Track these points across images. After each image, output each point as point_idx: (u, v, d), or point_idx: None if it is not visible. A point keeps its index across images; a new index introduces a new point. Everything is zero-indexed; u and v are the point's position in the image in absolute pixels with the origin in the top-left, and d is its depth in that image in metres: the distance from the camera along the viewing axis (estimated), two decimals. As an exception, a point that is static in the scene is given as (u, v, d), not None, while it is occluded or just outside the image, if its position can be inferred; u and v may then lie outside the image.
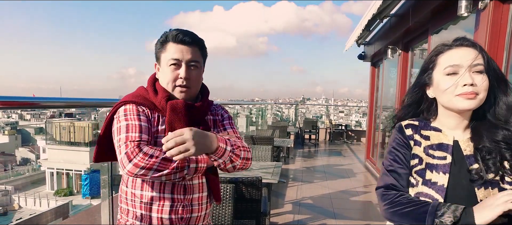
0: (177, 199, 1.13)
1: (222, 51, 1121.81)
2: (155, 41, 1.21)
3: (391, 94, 5.63)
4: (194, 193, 1.16)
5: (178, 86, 1.13)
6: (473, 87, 0.90)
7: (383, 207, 0.97)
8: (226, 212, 1.88)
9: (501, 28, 2.27)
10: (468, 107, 0.92)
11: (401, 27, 4.47)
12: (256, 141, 4.49)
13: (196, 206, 1.17)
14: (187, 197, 1.14)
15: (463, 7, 2.50)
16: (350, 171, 6.17)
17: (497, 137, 0.90)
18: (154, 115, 1.13)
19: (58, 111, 34.82)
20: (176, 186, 1.13)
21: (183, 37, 1.12)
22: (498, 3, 2.28)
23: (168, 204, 1.12)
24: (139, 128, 1.06)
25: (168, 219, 1.12)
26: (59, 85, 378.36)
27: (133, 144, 1.01)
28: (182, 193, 1.14)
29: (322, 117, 16.10)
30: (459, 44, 0.95)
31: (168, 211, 1.12)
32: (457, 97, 0.92)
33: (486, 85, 0.91)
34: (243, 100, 22.61)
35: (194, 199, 1.16)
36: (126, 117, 1.09)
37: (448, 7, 3.11)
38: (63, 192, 22.18)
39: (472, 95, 0.90)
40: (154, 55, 1.19)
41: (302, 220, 3.61)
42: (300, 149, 8.65)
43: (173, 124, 1.09)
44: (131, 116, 1.09)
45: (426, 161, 0.96)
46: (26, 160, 34.83)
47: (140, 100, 1.13)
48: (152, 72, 1.23)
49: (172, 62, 1.12)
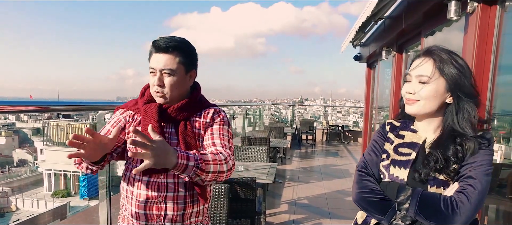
0: (152, 196, 1.20)
1: (220, 52, 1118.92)
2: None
3: (386, 95, 5.69)
4: (168, 191, 1.21)
5: (154, 92, 1.25)
6: (411, 95, 1.03)
7: (356, 190, 1.08)
8: (221, 212, 1.93)
9: (488, 32, 2.34)
10: (408, 112, 1.06)
11: (395, 29, 4.54)
12: (253, 142, 4.54)
13: (170, 205, 1.21)
14: (161, 194, 1.20)
15: (452, 10, 2.56)
16: (346, 171, 6.24)
17: (447, 152, 0.98)
18: (138, 117, 1.29)
19: (56, 112, 34.69)
20: (150, 184, 1.21)
21: (159, 45, 1.22)
22: (485, 6, 2.34)
23: (143, 200, 1.21)
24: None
25: (144, 215, 1.22)
26: (56, 86, 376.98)
27: None
28: (156, 190, 1.21)
29: (320, 117, 16.18)
30: (419, 54, 1.06)
31: (143, 207, 1.22)
32: (405, 102, 1.06)
33: (427, 94, 1.00)
34: (241, 101, 22.64)
35: (169, 197, 1.21)
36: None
37: (440, 10, 3.17)
38: (61, 193, 22.11)
39: (411, 101, 1.03)
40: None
41: (297, 220, 3.66)
42: (297, 150, 8.71)
43: (146, 125, 1.20)
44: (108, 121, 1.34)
45: (392, 157, 1.07)
46: (24, 161, 34.69)
47: (129, 104, 1.33)
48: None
49: (151, 71, 1.25)
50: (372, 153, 1.13)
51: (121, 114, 1.30)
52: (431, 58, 1.01)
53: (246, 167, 3.09)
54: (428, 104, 1.01)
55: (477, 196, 0.92)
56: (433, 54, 1.02)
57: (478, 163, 0.95)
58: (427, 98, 1.00)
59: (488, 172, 0.95)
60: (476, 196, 0.91)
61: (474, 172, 0.94)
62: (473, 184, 0.93)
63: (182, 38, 1.26)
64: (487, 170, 0.95)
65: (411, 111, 1.05)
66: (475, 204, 0.91)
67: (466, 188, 0.93)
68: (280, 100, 54.48)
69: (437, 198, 0.93)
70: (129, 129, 1.25)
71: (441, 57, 1.00)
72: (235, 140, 5.66)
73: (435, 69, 1.00)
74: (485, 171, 0.95)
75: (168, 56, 1.21)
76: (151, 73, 1.24)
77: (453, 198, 0.92)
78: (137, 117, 1.28)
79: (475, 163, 0.96)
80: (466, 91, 0.99)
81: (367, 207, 1.04)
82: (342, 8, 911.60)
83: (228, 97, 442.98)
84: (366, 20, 4.64)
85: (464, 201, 0.91)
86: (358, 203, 1.07)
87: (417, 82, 1.02)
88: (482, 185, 0.93)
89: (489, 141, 0.99)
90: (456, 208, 0.90)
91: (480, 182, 0.93)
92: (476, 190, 0.92)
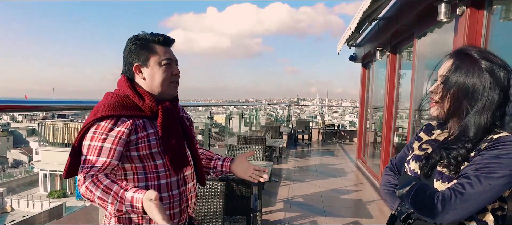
0: (182, 191, 1.25)
1: (217, 52, 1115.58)
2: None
3: (381, 95, 5.77)
4: (188, 183, 1.28)
5: (173, 82, 1.23)
6: (432, 94, 1.01)
7: (381, 184, 1.19)
8: (217, 209, 1.98)
9: (477, 34, 2.41)
10: (431, 114, 1.03)
11: (388, 29, 4.62)
12: (249, 141, 4.59)
13: (193, 193, 1.32)
14: (187, 187, 1.28)
15: (442, 13, 2.63)
16: (341, 170, 6.31)
17: (450, 154, 0.94)
18: (139, 122, 1.16)
19: (51, 112, 34.50)
20: (180, 181, 1.24)
21: (168, 39, 1.23)
22: (474, 10, 2.41)
23: (177, 199, 1.23)
24: (98, 151, 1.08)
25: (179, 211, 1.24)
26: (51, 86, 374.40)
27: (84, 171, 1.06)
28: (184, 184, 1.26)
29: (316, 117, 16.25)
30: (448, 54, 1.02)
31: (178, 204, 1.23)
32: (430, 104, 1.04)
33: (444, 95, 0.96)
34: (237, 101, 22.66)
35: (191, 188, 1.30)
36: (92, 136, 1.10)
37: (431, 12, 3.24)
38: (57, 194, 22.00)
39: (432, 103, 1.02)
40: (131, 60, 1.20)
41: (292, 218, 3.72)
42: (293, 149, 8.77)
43: (169, 127, 1.18)
44: (98, 137, 1.09)
45: (415, 153, 1.09)
46: (19, 162, 34.46)
47: (119, 111, 1.13)
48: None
49: (166, 62, 1.20)
50: (403, 151, 1.19)
51: (120, 127, 1.12)
52: (452, 57, 0.97)
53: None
54: (446, 105, 0.97)
55: (467, 197, 0.86)
56: (456, 53, 0.97)
57: (480, 165, 0.88)
58: (446, 99, 0.96)
59: (491, 175, 0.86)
60: (465, 196, 0.86)
61: (471, 172, 0.88)
62: (464, 183, 0.88)
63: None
64: (491, 173, 0.86)
65: (433, 114, 1.01)
66: (463, 204, 0.86)
67: (456, 187, 0.89)
68: (277, 100, 54.57)
69: (428, 191, 0.92)
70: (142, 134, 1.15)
71: (461, 57, 0.95)
72: (231, 139, 5.71)
73: (445, 78, 0.96)
74: (488, 174, 0.86)
75: (171, 49, 1.26)
76: (166, 65, 1.19)
77: (440, 193, 0.90)
78: (139, 121, 1.16)
79: (475, 164, 0.89)
80: (477, 97, 0.91)
81: (383, 197, 1.16)
82: (338, 9, 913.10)
83: (224, 97, 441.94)
84: (360, 21, 4.71)
85: (450, 198, 0.88)
86: (381, 195, 1.18)
87: (439, 82, 0.98)
88: (477, 187, 0.86)
89: (498, 142, 0.88)
90: (440, 203, 0.88)
91: (474, 183, 0.86)
92: (465, 190, 0.87)
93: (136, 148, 1.14)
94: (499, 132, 0.91)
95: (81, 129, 1.13)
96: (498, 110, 0.93)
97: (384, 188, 1.15)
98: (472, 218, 0.92)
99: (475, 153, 0.91)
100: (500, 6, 2.43)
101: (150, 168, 1.17)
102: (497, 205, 0.94)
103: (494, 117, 0.92)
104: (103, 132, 1.10)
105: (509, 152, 0.87)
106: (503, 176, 0.86)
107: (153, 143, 1.16)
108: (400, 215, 1.02)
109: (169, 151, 1.17)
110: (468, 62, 0.94)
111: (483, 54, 0.95)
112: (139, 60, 1.19)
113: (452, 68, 0.96)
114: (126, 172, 1.17)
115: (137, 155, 1.15)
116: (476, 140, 0.92)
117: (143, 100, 1.18)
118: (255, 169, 1.38)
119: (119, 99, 1.16)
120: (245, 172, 1.39)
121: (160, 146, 1.17)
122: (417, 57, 3.92)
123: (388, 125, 5.02)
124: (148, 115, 1.18)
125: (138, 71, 1.20)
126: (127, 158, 1.15)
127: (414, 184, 0.97)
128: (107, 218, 1.21)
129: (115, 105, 1.14)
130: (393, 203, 1.09)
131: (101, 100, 1.19)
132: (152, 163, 1.17)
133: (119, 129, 1.11)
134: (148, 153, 1.16)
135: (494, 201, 0.93)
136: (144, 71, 1.20)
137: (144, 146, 1.15)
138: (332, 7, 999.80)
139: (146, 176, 1.17)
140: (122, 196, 0.98)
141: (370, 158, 6.26)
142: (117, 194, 0.99)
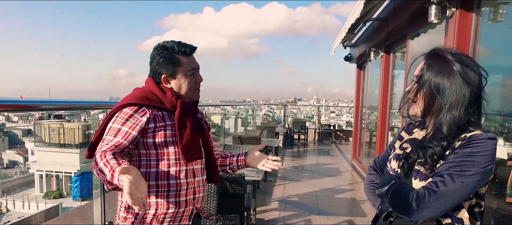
0: (190, 182, 1.31)
1: (214, 52, 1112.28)
2: (146, 42, 1.35)
3: (376, 95, 5.82)
4: (197, 176, 1.34)
5: (197, 89, 1.35)
6: (409, 94, 1.05)
7: (364, 185, 1.22)
8: (210, 207, 2.01)
9: (466, 35, 2.46)
10: (410, 113, 1.06)
11: (382, 30, 4.67)
12: (244, 141, 4.63)
13: (201, 187, 1.37)
14: (196, 179, 1.33)
15: (432, 14, 2.68)
16: (336, 170, 6.35)
17: (427, 152, 0.96)
18: (158, 113, 1.27)
19: (47, 112, 34.34)
20: (188, 172, 1.30)
21: (192, 48, 1.32)
22: (463, 11, 2.46)
23: (184, 188, 1.28)
24: (116, 133, 1.19)
25: (184, 201, 1.29)
26: (47, 86, 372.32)
27: (101, 146, 1.17)
28: (192, 176, 1.31)
29: (313, 117, 16.32)
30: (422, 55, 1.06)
31: (184, 194, 1.28)
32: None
33: (418, 94, 1.00)
34: (234, 101, 22.68)
35: (199, 181, 1.35)
36: (115, 120, 1.23)
37: (423, 13, 3.29)
38: (53, 194, 21.89)
39: (410, 102, 1.05)
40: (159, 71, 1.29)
41: (287, 217, 3.75)
42: (289, 149, 8.82)
43: (183, 118, 1.27)
44: (119, 120, 1.21)
45: (395, 152, 1.11)
46: (14, 162, 34.26)
47: (142, 101, 1.25)
48: (144, 74, 1.39)
49: (192, 72, 1.31)
50: (386, 151, 1.22)
51: (141, 115, 1.23)
52: (425, 58, 1.01)
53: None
54: (417, 105, 1.01)
55: (440, 194, 0.88)
56: (429, 54, 1.01)
57: (454, 163, 0.90)
58: (418, 98, 1.00)
59: (464, 173, 0.88)
60: (438, 194, 0.88)
61: (445, 170, 0.90)
62: (438, 182, 0.90)
63: None
64: (463, 171, 0.88)
65: (410, 112, 1.05)
66: (437, 202, 0.88)
67: (430, 186, 0.91)
68: (274, 100, 54.65)
69: (404, 190, 0.94)
70: (160, 124, 1.25)
71: (433, 57, 0.99)
72: (227, 139, 5.74)
73: (418, 78, 0.99)
74: (460, 172, 0.88)
75: (194, 56, 1.35)
76: (192, 74, 1.31)
77: (415, 192, 0.92)
78: (158, 113, 1.27)
79: (449, 163, 0.91)
80: (448, 94, 0.94)
81: (367, 196, 1.19)
82: (333, 9, 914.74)
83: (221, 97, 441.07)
84: (355, 22, 4.76)
85: (424, 196, 0.90)
86: (365, 194, 1.21)
87: (414, 82, 1.02)
88: (450, 185, 0.88)
89: (471, 140, 0.90)
90: (415, 201, 0.90)
91: (448, 181, 0.88)
92: (438, 188, 0.89)
93: (153, 135, 1.23)
94: (473, 130, 0.93)
95: (108, 114, 1.27)
96: (470, 107, 0.95)
97: (367, 187, 1.19)
98: (447, 215, 0.95)
99: (450, 151, 0.94)
100: (488, 8, 2.49)
101: (163, 155, 1.25)
102: (474, 202, 0.97)
103: (467, 115, 0.94)
104: (124, 117, 1.21)
105: (481, 150, 0.89)
106: (475, 173, 0.88)
107: (169, 133, 1.25)
108: (381, 214, 1.05)
109: (183, 141, 1.25)
110: (439, 62, 0.98)
111: (455, 55, 0.98)
112: (167, 72, 1.29)
113: (425, 68, 1.00)
114: (140, 158, 1.26)
115: (152, 142, 1.24)
116: (450, 138, 0.94)
117: (165, 94, 1.28)
118: (268, 159, 1.44)
119: (144, 93, 1.28)
120: (260, 163, 1.44)
121: (175, 137, 1.26)
122: (411, 58, 3.98)
123: (383, 125, 5.07)
124: (168, 109, 1.28)
125: (166, 81, 1.31)
126: (143, 144, 1.24)
127: (392, 183, 0.99)
128: (119, 218, 1.29)
129: (140, 97, 1.26)
130: (375, 201, 1.12)
131: (129, 94, 1.31)
132: (165, 150, 1.25)
133: (139, 117, 1.22)
134: (163, 141, 1.24)
135: (471, 198, 0.96)
136: (171, 82, 1.31)
137: (161, 134, 1.24)
138: (328, 7, 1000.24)
139: (158, 162, 1.25)
140: (114, 170, 1.03)
141: (365, 158, 6.32)
142: (112, 168, 1.04)
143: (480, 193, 0.97)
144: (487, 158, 0.89)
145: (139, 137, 1.23)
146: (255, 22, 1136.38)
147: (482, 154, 0.89)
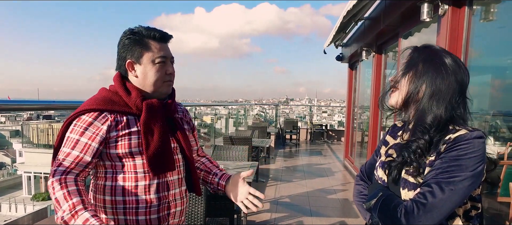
0: (163, 197, 1.16)
1: (205, 52, 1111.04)
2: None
3: (368, 95, 5.81)
4: (172, 189, 1.19)
5: (167, 81, 1.17)
6: (392, 82, 1.01)
7: (353, 196, 1.17)
8: (198, 210, 1.93)
9: (458, 33, 2.43)
10: (390, 103, 1.01)
11: (374, 29, 4.65)
12: (235, 141, 4.55)
13: (178, 201, 1.21)
14: (170, 193, 1.18)
15: (425, 12, 2.65)
16: (328, 170, 6.32)
17: (411, 147, 0.91)
18: (122, 119, 1.11)
19: (36, 113, 33.72)
20: (160, 185, 1.15)
21: (164, 35, 1.16)
22: (455, 9, 2.44)
23: (156, 204, 1.14)
24: (74, 145, 1.05)
25: (157, 218, 1.15)
26: (36, 86, 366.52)
27: (56, 163, 1.04)
28: (166, 190, 1.17)
29: (305, 117, 16.34)
30: (408, 48, 1.03)
31: (156, 210, 1.14)
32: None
33: (402, 79, 0.96)
34: (227, 101, 22.59)
35: (176, 194, 1.20)
36: (72, 129, 1.08)
37: (415, 11, 3.27)
38: (41, 196, 21.46)
39: (391, 92, 1.01)
40: (124, 55, 1.15)
41: (279, 218, 3.70)
42: (281, 149, 8.77)
43: (149, 124, 1.11)
44: (77, 129, 1.08)
45: (381, 159, 1.04)
46: (1, 164, 33.53)
47: (104, 105, 1.10)
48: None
49: (160, 60, 1.14)
50: (372, 157, 1.14)
51: (101, 123, 1.09)
52: (412, 49, 0.99)
53: (226, 166, 3.11)
54: (399, 92, 0.97)
55: (429, 207, 0.82)
56: (415, 47, 0.98)
57: (440, 170, 0.84)
58: (401, 84, 0.96)
59: (453, 180, 0.82)
60: (428, 206, 0.82)
61: (432, 179, 0.84)
62: (426, 193, 0.83)
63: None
64: (451, 177, 0.82)
65: (391, 102, 1.01)
66: (427, 214, 0.82)
67: (418, 198, 0.85)
68: (266, 100, 54.66)
69: (392, 204, 0.89)
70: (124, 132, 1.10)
71: (413, 54, 0.97)
72: (218, 140, 5.66)
73: (404, 64, 0.97)
74: (449, 179, 0.82)
75: (168, 46, 1.19)
76: (159, 63, 1.14)
77: (403, 206, 0.86)
78: (122, 118, 1.12)
79: (435, 170, 0.85)
80: (434, 80, 0.90)
81: (357, 208, 1.13)
82: (324, 10, 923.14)
83: (214, 97, 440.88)
84: (346, 21, 4.74)
85: (413, 211, 0.84)
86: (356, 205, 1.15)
87: (399, 70, 1.00)
88: (439, 194, 0.82)
89: (456, 142, 0.84)
90: (404, 217, 0.84)
91: (436, 191, 0.82)
92: (427, 200, 0.82)
93: (115, 145, 1.09)
94: (458, 129, 0.87)
95: (65, 121, 1.12)
96: (454, 99, 0.90)
97: (356, 199, 1.13)
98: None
99: (435, 156, 0.88)
100: (480, 7, 2.47)
101: (129, 167, 1.11)
102: (469, 206, 0.91)
103: (451, 106, 0.90)
104: (82, 125, 1.07)
105: (468, 152, 0.83)
106: (465, 178, 0.82)
107: (134, 142, 1.10)
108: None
109: (149, 151, 1.10)
110: (426, 53, 0.95)
111: (441, 50, 0.96)
112: (132, 56, 1.14)
113: (412, 54, 0.98)
114: (106, 169, 1.13)
115: (116, 153, 1.10)
116: (433, 129, 0.89)
117: (129, 95, 1.13)
118: (250, 193, 1.24)
119: (108, 95, 1.13)
120: (239, 197, 1.25)
121: (141, 147, 1.11)
122: (402, 57, 3.95)
123: (375, 124, 5.06)
124: (134, 112, 1.12)
125: (131, 68, 1.15)
126: (107, 155, 1.11)
127: (380, 196, 0.94)
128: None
129: (102, 100, 1.11)
130: (365, 214, 1.05)
131: (94, 95, 1.16)
132: (131, 162, 1.11)
133: (99, 125, 1.08)
134: (128, 152, 1.10)
135: (465, 203, 0.90)
136: (136, 68, 1.14)
137: (124, 144, 1.09)
138: (318, 8, 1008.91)
139: (124, 175, 1.11)
140: (77, 212, 0.94)
141: (357, 158, 6.30)
142: (74, 207, 0.95)
143: (475, 196, 0.91)
144: (476, 160, 0.83)
145: (101, 149, 1.09)
146: (246, 22, 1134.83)
147: (469, 156, 0.83)
